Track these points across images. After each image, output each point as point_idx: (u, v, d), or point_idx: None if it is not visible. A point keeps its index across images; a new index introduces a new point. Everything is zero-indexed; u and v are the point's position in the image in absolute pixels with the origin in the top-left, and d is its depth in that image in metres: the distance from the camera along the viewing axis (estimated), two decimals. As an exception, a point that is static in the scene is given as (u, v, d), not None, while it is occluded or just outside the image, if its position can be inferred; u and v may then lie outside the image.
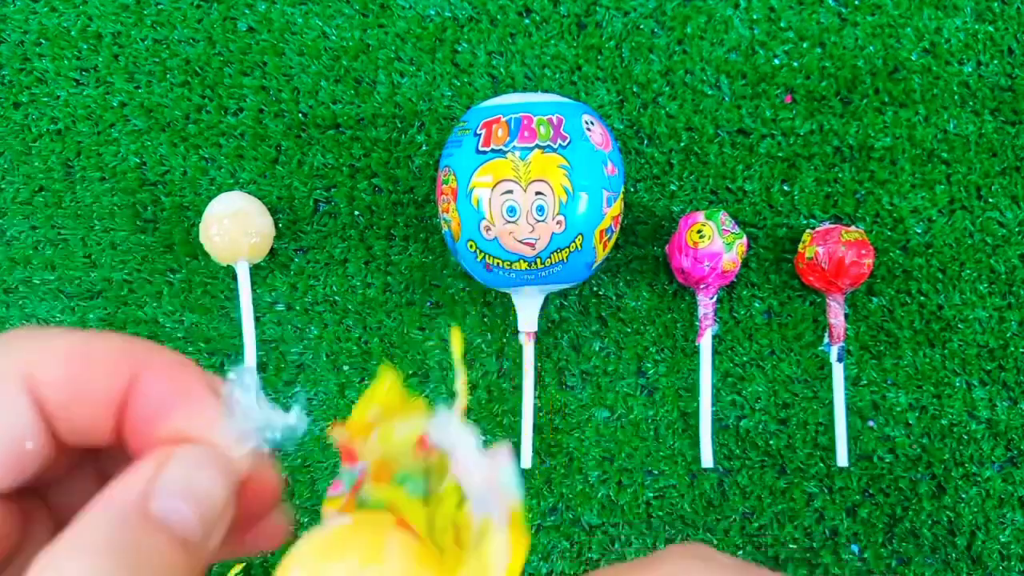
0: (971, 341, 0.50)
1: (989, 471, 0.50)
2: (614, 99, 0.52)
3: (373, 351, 0.51)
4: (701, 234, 0.47)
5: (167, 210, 0.53)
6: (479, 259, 0.45)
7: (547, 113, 0.44)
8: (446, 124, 0.52)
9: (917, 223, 0.51)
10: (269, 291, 0.52)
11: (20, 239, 0.53)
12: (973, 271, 0.50)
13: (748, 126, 0.51)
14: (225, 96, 0.53)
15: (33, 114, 0.53)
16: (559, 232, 0.43)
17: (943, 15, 0.51)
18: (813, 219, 0.51)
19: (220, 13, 0.53)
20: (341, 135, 0.52)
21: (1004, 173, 0.51)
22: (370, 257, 0.52)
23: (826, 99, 0.51)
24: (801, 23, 0.52)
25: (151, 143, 0.53)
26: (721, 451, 0.50)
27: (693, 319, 0.51)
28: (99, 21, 0.53)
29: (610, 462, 0.50)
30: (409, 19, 0.52)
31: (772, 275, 0.51)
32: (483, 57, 0.52)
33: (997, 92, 0.51)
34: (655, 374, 0.51)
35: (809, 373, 0.50)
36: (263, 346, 0.51)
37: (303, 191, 0.52)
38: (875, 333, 0.50)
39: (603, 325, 0.51)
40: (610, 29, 0.52)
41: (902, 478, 0.50)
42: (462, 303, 0.52)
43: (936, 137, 0.51)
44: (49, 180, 0.53)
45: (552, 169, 0.42)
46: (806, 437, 0.50)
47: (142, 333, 0.52)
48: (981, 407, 0.50)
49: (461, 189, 0.43)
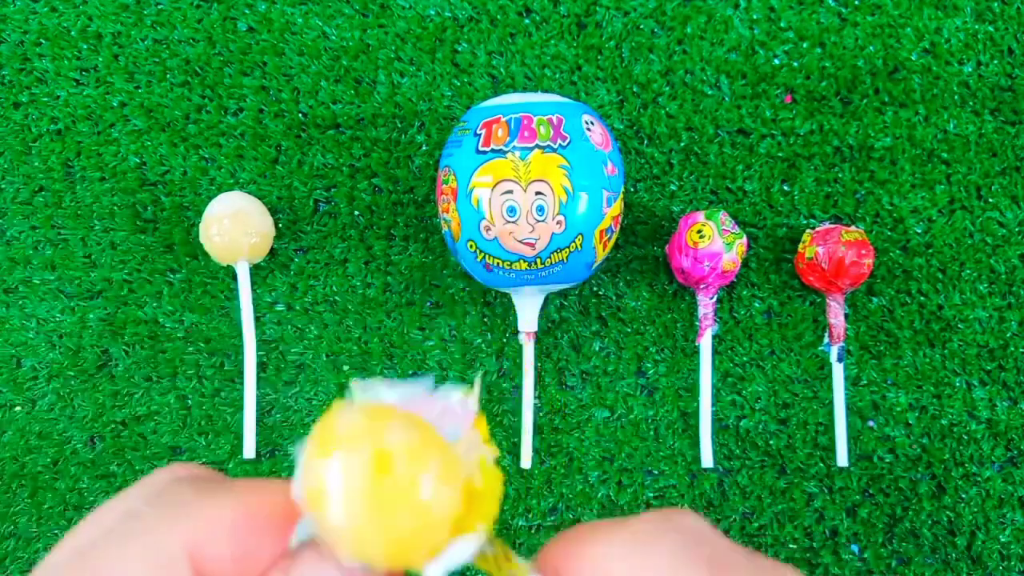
0: (971, 341, 0.50)
1: (989, 471, 0.50)
2: (614, 99, 0.52)
3: (373, 351, 0.51)
4: (701, 234, 0.47)
5: (167, 210, 0.53)
6: (479, 259, 0.45)
7: (547, 113, 0.44)
8: (446, 124, 0.52)
9: (917, 223, 0.51)
10: (269, 291, 0.52)
11: (20, 239, 0.53)
12: (973, 271, 0.50)
13: (748, 126, 0.51)
14: (225, 96, 0.53)
15: (33, 114, 0.53)
16: (559, 232, 0.43)
17: (943, 15, 0.51)
18: (813, 219, 0.51)
19: (220, 13, 0.53)
20: (341, 135, 0.52)
21: (1004, 173, 0.51)
22: (370, 257, 0.52)
23: (826, 99, 0.51)
24: (801, 23, 0.52)
25: (151, 143, 0.53)
26: (721, 451, 0.50)
27: (693, 319, 0.51)
28: (99, 21, 0.53)
29: (610, 462, 0.50)
30: (409, 19, 0.52)
31: (772, 275, 0.51)
32: (483, 57, 0.52)
33: (997, 92, 0.51)
34: (655, 374, 0.51)
35: (809, 373, 0.50)
36: (263, 346, 0.51)
37: (303, 191, 0.52)
38: (875, 333, 0.50)
39: (603, 325, 0.51)
40: (610, 29, 0.52)
41: (902, 478, 0.50)
42: (462, 303, 0.52)
43: (936, 137, 0.51)
44: (49, 180, 0.53)
45: (552, 169, 0.42)
46: (806, 437, 0.50)
47: (142, 333, 0.52)
48: (981, 407, 0.50)
49: (461, 189, 0.43)
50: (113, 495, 0.53)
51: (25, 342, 0.52)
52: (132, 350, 0.52)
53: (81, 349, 0.52)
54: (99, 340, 0.52)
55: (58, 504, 0.51)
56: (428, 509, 0.17)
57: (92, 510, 0.19)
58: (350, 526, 0.17)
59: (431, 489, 0.17)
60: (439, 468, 0.18)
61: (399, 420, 0.18)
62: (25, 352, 0.52)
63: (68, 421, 0.51)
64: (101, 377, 0.52)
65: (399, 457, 0.17)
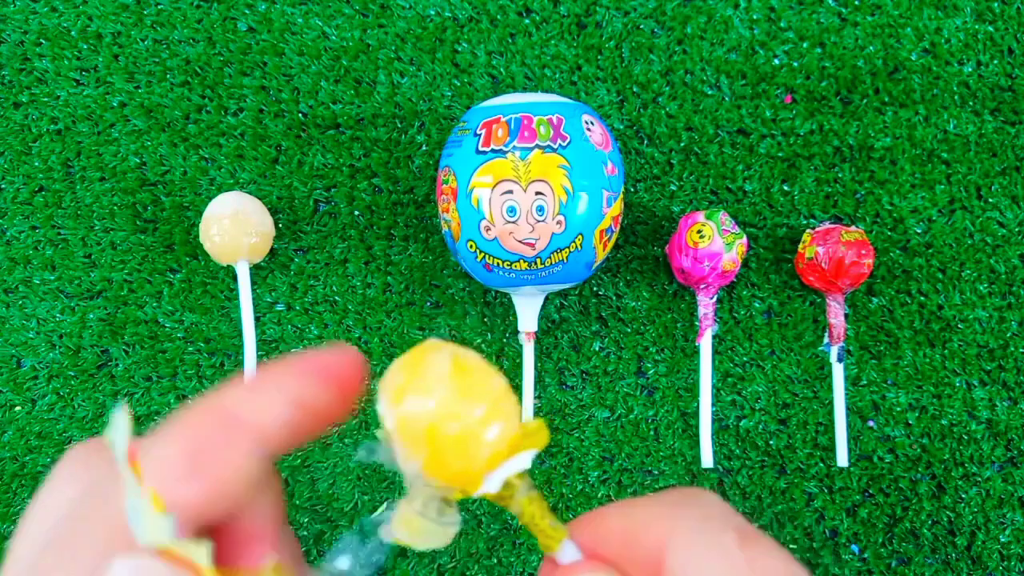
0: (971, 341, 0.50)
1: (989, 471, 0.50)
2: (614, 99, 0.52)
3: (373, 351, 0.51)
4: (701, 234, 0.47)
5: (167, 210, 0.53)
6: (479, 259, 0.45)
7: (547, 113, 0.44)
8: (446, 124, 0.52)
9: (917, 223, 0.51)
10: (269, 291, 0.52)
11: (20, 239, 0.53)
12: (973, 271, 0.50)
13: (748, 126, 0.51)
14: (225, 96, 0.53)
15: (33, 114, 0.53)
16: (559, 232, 0.43)
17: (943, 15, 0.51)
18: (813, 219, 0.51)
19: (220, 13, 0.53)
20: (341, 135, 0.52)
21: (1004, 173, 0.51)
22: (370, 257, 0.52)
23: (826, 99, 0.51)
24: (801, 23, 0.52)
25: (151, 143, 0.53)
26: (721, 451, 0.50)
27: (693, 319, 0.51)
28: (99, 21, 0.53)
29: (610, 462, 0.50)
30: (409, 19, 0.52)
31: (772, 275, 0.51)
32: (483, 57, 0.52)
33: (997, 92, 0.51)
34: (655, 374, 0.51)
35: (809, 373, 0.50)
36: (263, 346, 0.51)
37: (303, 191, 0.52)
38: (875, 333, 0.50)
39: (603, 325, 0.51)
40: (610, 29, 0.52)
41: (902, 478, 0.50)
42: (462, 303, 0.52)
43: (936, 137, 0.51)
44: (49, 180, 0.53)
45: (552, 169, 0.42)
46: (806, 437, 0.50)
47: (142, 333, 0.52)
48: (981, 407, 0.50)
49: (461, 189, 0.43)
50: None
51: (25, 342, 0.52)
52: (132, 350, 0.52)
53: (81, 349, 0.52)
54: (99, 340, 0.52)
55: (58, 504, 0.51)
56: (499, 408, 0.19)
57: None
58: (429, 420, 0.19)
59: (500, 386, 0.19)
60: (502, 382, 0.20)
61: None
62: (25, 352, 0.52)
63: (68, 421, 0.51)
64: (101, 377, 0.52)
65: (473, 361, 0.19)
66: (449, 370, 0.19)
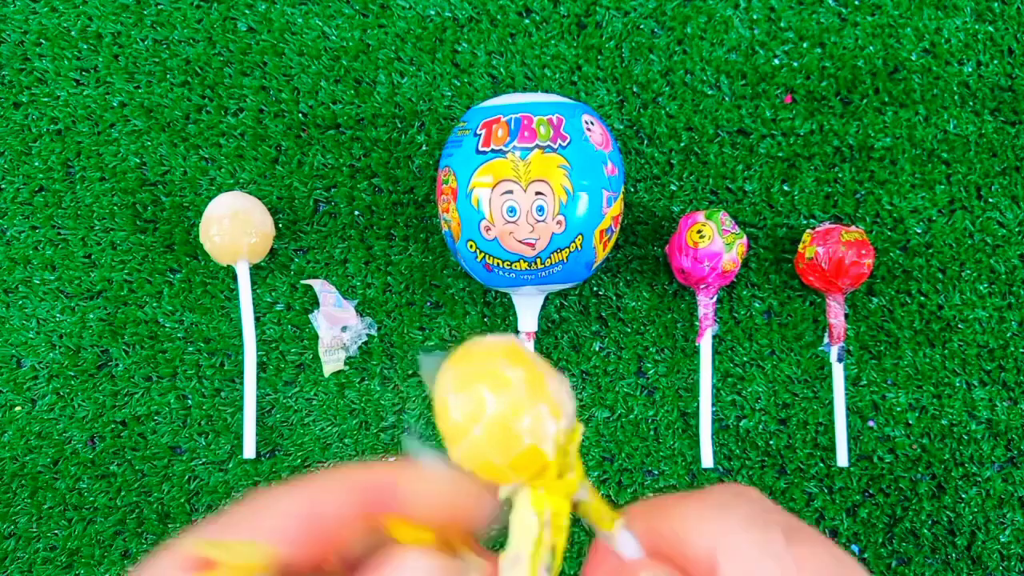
0: (971, 341, 0.50)
1: (989, 471, 0.50)
2: (614, 99, 0.52)
3: (373, 351, 0.51)
4: (701, 234, 0.47)
5: (167, 210, 0.53)
6: (479, 259, 0.45)
7: (547, 113, 0.44)
8: (446, 124, 0.52)
9: (917, 223, 0.51)
10: (269, 291, 0.52)
11: (20, 239, 0.53)
12: (973, 271, 0.50)
13: (748, 126, 0.51)
14: (225, 96, 0.53)
15: (33, 114, 0.53)
16: (559, 232, 0.43)
17: (943, 15, 0.51)
18: (813, 219, 0.51)
19: (220, 13, 0.53)
20: (341, 135, 0.52)
21: (1004, 173, 0.51)
22: (370, 257, 0.52)
23: (826, 99, 0.51)
24: (801, 23, 0.52)
25: (151, 143, 0.53)
26: (721, 451, 0.50)
27: (693, 319, 0.51)
28: (99, 21, 0.53)
29: (610, 462, 0.50)
30: (409, 19, 0.52)
31: (772, 275, 0.51)
32: (483, 57, 0.52)
33: (997, 92, 0.51)
34: (655, 374, 0.51)
35: (809, 373, 0.50)
36: (263, 346, 0.51)
37: (303, 191, 0.52)
38: (875, 333, 0.50)
39: (603, 325, 0.51)
40: (610, 29, 0.52)
41: (902, 478, 0.50)
42: (462, 303, 0.52)
43: (936, 137, 0.51)
44: (49, 180, 0.53)
45: (552, 169, 0.42)
46: (806, 437, 0.50)
47: (142, 333, 0.52)
48: (981, 407, 0.50)
49: (461, 189, 0.43)
50: (113, 495, 0.53)
51: (25, 342, 0.52)
52: (132, 350, 0.52)
53: (81, 349, 0.52)
54: (99, 340, 0.52)
55: (58, 504, 0.51)
56: (553, 409, 0.19)
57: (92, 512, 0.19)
58: (486, 418, 0.18)
59: (559, 388, 0.19)
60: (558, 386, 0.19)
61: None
62: (25, 352, 0.52)
63: (68, 421, 0.51)
64: (101, 377, 0.52)
65: (529, 361, 0.19)
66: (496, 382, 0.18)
